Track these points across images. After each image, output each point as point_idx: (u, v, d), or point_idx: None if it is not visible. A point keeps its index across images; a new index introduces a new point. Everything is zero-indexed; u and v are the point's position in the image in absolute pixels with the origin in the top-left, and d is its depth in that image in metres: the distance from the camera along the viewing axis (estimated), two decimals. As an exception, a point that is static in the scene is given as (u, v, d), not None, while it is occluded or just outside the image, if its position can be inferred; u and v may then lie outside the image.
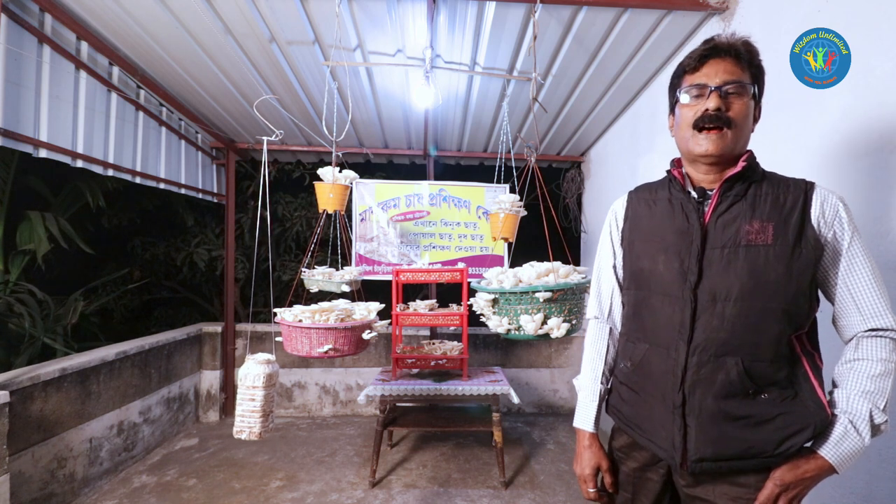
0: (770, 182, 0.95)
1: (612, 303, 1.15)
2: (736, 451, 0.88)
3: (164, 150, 3.30)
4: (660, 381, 0.97)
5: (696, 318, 0.92)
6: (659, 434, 0.96)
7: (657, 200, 1.05)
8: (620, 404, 1.08)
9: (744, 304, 0.89)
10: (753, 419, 0.88)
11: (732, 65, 0.93)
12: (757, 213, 0.91)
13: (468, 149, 4.10)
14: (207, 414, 3.89)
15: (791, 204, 0.91)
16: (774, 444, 0.87)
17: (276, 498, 2.61)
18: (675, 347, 0.94)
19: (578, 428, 1.14)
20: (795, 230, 0.89)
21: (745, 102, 0.93)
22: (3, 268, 3.67)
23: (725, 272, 0.90)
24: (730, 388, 0.89)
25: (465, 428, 2.83)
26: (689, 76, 0.97)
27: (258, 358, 1.70)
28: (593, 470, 1.10)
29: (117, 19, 2.33)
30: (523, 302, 1.89)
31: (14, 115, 2.15)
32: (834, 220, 0.91)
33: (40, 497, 2.31)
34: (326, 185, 2.18)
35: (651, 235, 1.03)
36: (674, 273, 0.96)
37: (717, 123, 0.92)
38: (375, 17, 2.30)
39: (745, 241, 0.90)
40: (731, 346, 0.89)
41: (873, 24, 1.44)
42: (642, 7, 2.16)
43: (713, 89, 0.92)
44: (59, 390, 2.44)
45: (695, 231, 0.95)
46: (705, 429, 0.90)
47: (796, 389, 0.90)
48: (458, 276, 2.89)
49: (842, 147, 1.54)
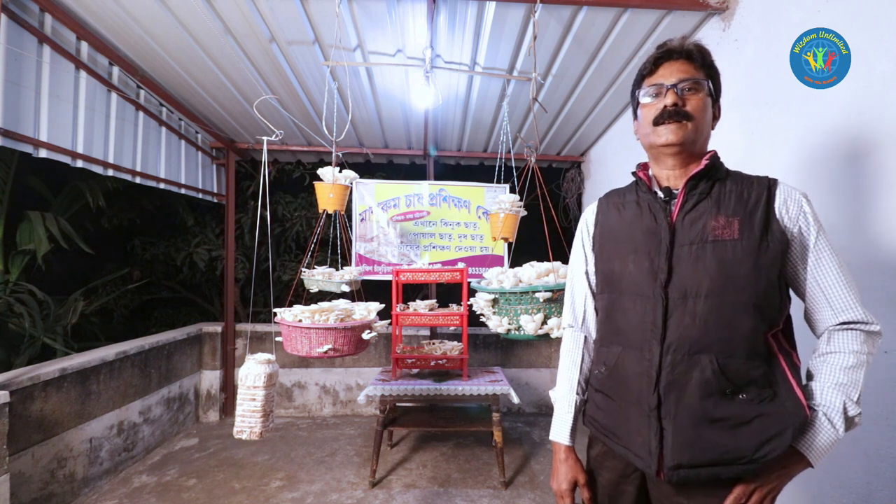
0: (734, 179, 0.97)
1: (586, 310, 1.15)
2: (713, 457, 0.86)
3: (164, 150, 3.30)
4: (634, 384, 0.95)
5: (668, 316, 0.92)
6: (635, 441, 0.94)
7: (626, 203, 1.07)
8: (596, 412, 1.06)
9: (714, 300, 0.89)
10: (731, 421, 0.86)
11: (686, 65, 0.97)
12: (722, 210, 0.92)
13: (468, 149, 4.10)
14: (207, 414, 3.89)
15: (755, 199, 0.92)
16: (752, 449, 0.85)
17: (276, 498, 2.61)
18: (649, 348, 0.93)
19: (554, 441, 1.11)
20: (761, 224, 0.90)
21: (702, 98, 0.97)
22: (3, 268, 3.67)
23: (694, 268, 0.91)
24: (706, 388, 0.88)
25: (465, 428, 2.83)
26: (647, 79, 1.02)
27: (258, 358, 1.70)
28: (570, 484, 1.07)
29: (117, 19, 2.33)
30: (523, 302, 1.89)
31: (14, 115, 2.15)
32: (798, 216, 0.92)
33: (40, 497, 2.31)
34: (326, 185, 2.18)
35: (621, 237, 1.04)
36: (644, 272, 0.96)
37: (675, 118, 0.95)
38: (375, 17, 2.30)
39: (711, 237, 0.91)
40: (704, 344, 0.89)
41: (873, 24, 1.44)
42: (642, 7, 2.15)
43: (669, 87, 0.96)
44: (59, 390, 2.44)
45: (663, 230, 0.96)
46: (682, 432, 0.88)
47: (775, 389, 0.88)
48: (458, 276, 2.89)
49: (842, 147, 1.54)
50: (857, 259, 1.48)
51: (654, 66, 1.00)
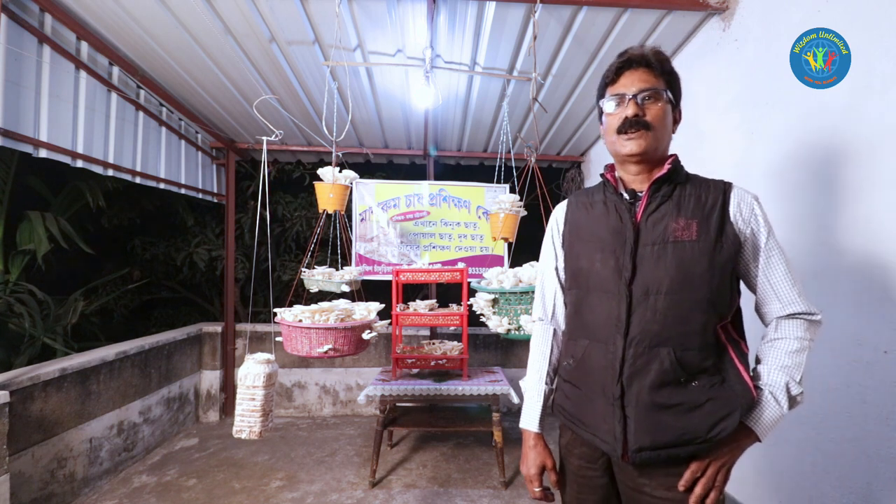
0: (693, 183, 1.03)
1: (556, 304, 1.20)
2: (671, 439, 0.93)
3: (164, 150, 3.30)
4: (600, 375, 1.01)
5: (632, 311, 0.98)
6: (601, 427, 1.00)
7: (594, 203, 1.12)
8: (564, 402, 1.12)
9: (673, 297, 0.95)
10: (685, 406, 0.94)
11: (646, 73, 1.02)
12: (682, 212, 0.99)
13: (468, 149, 4.10)
14: (207, 414, 3.89)
15: (712, 203, 0.99)
16: (706, 429, 0.92)
17: (276, 498, 2.61)
18: (613, 341, 0.99)
19: (524, 429, 1.17)
20: (716, 226, 0.97)
21: (661, 107, 1.02)
22: (3, 268, 3.67)
23: (656, 267, 0.97)
24: (664, 378, 0.94)
25: (465, 428, 2.83)
26: (610, 88, 1.06)
27: (258, 358, 1.70)
28: (538, 469, 1.13)
29: (117, 19, 2.33)
30: (523, 302, 1.89)
31: (14, 115, 2.15)
32: (751, 218, 0.99)
33: (40, 497, 2.31)
34: (326, 185, 2.18)
35: (589, 236, 1.09)
36: (610, 270, 1.02)
37: (636, 127, 1.00)
38: (375, 17, 2.30)
39: (672, 238, 0.97)
40: (663, 337, 0.95)
41: (873, 24, 1.44)
42: (642, 7, 2.16)
43: (630, 97, 1.01)
44: (59, 390, 2.44)
45: (628, 230, 1.01)
46: (643, 418, 0.95)
47: (723, 375, 0.96)
48: (458, 276, 2.89)
49: (842, 147, 1.54)
50: (856, 258, 1.48)
51: (615, 74, 1.05)
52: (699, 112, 2.33)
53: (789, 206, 1.74)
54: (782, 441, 1.76)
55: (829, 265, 1.57)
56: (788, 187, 1.75)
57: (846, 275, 1.51)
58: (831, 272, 1.56)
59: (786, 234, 1.75)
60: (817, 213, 1.63)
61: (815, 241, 1.63)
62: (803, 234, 1.68)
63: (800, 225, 1.70)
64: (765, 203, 1.04)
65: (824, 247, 1.59)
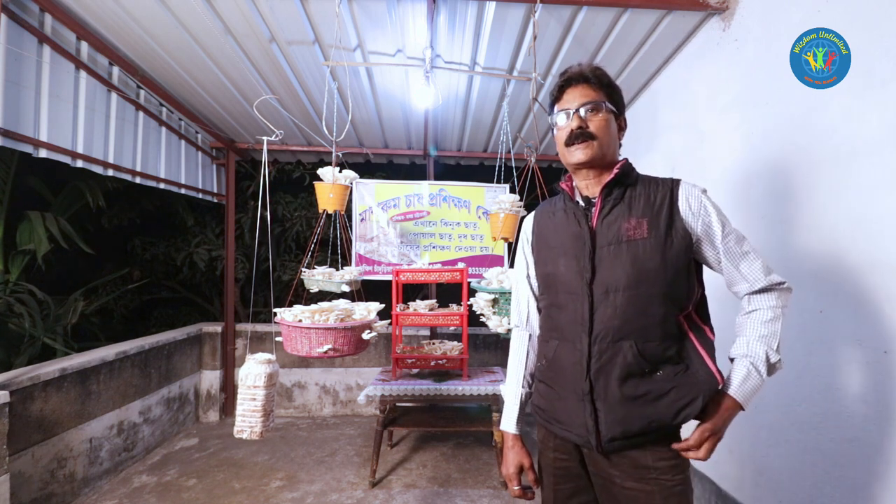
0: (643, 183, 1.09)
1: (529, 310, 1.26)
2: (640, 427, 0.99)
3: (164, 150, 3.30)
4: (570, 372, 1.07)
5: (595, 310, 1.04)
6: (574, 423, 1.06)
7: (555, 212, 1.19)
8: (539, 401, 1.18)
9: (631, 293, 1.01)
10: (651, 395, 0.99)
11: (586, 88, 1.10)
12: (633, 212, 1.05)
13: (468, 149, 4.10)
14: (207, 414, 3.89)
15: (660, 201, 1.05)
16: (672, 416, 0.98)
17: (276, 498, 2.61)
18: (580, 339, 1.05)
19: (503, 430, 1.23)
20: (666, 223, 1.03)
21: (603, 118, 1.08)
22: (3, 268, 3.67)
23: (613, 266, 1.03)
24: (629, 370, 1.00)
25: (465, 428, 2.83)
26: (557, 104, 1.14)
27: (259, 358, 1.70)
28: (517, 468, 1.19)
29: (117, 19, 2.33)
30: (523, 302, 1.88)
31: (14, 115, 2.15)
32: (700, 210, 1.04)
33: (40, 497, 2.31)
34: (326, 185, 2.18)
35: (553, 242, 1.16)
36: (573, 272, 1.08)
37: (582, 138, 1.07)
38: (375, 17, 2.30)
39: (625, 238, 1.03)
40: (624, 332, 1.01)
41: (873, 24, 1.44)
42: (642, 7, 2.16)
43: (573, 111, 1.09)
44: (59, 390, 2.44)
45: (585, 234, 1.08)
46: (613, 410, 1.00)
47: (687, 363, 1.02)
48: (458, 276, 2.89)
49: (842, 147, 1.54)
50: (856, 258, 1.48)
51: (559, 92, 1.13)
52: (699, 112, 2.33)
53: (789, 206, 1.74)
54: (782, 441, 1.76)
55: (829, 265, 1.57)
56: (788, 187, 1.75)
57: (846, 275, 1.51)
58: (831, 272, 1.56)
59: (785, 233, 1.75)
60: (817, 212, 1.63)
61: (815, 240, 1.63)
62: (803, 233, 1.68)
63: (799, 225, 1.70)
64: (765, 203, 1.05)
65: (824, 247, 1.60)
